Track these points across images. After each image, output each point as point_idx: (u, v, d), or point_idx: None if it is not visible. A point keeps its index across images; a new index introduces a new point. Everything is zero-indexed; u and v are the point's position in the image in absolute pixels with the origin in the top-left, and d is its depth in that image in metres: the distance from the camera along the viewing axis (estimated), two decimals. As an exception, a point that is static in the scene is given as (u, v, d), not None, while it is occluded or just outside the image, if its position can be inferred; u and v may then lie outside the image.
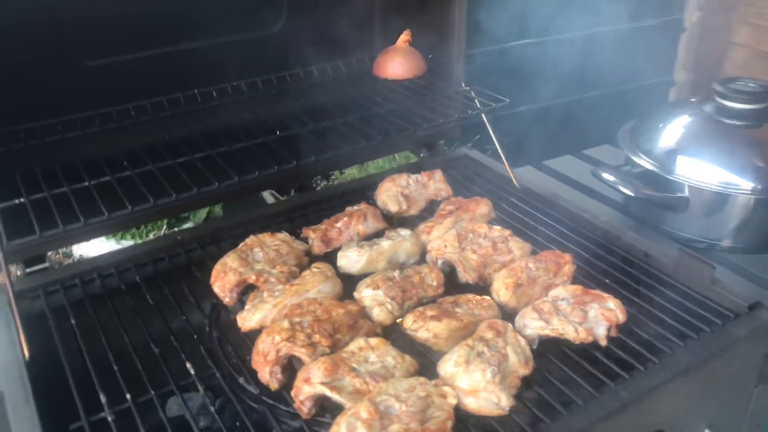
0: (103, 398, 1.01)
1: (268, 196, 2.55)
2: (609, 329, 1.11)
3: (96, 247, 1.88)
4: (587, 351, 1.10)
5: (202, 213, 2.55)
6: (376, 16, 1.82)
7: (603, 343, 1.10)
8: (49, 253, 1.73)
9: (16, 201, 1.14)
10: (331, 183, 2.60)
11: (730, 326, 1.13)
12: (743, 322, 1.14)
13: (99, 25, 1.43)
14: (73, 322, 1.17)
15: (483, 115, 1.56)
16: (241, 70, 1.65)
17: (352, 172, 2.62)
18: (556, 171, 1.95)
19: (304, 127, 1.44)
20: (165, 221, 2.46)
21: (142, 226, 2.43)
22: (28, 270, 1.30)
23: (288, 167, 1.31)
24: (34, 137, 1.34)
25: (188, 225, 2.25)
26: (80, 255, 1.91)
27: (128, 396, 1.02)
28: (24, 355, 1.07)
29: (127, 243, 2.03)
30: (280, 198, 2.51)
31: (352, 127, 1.48)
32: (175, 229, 2.28)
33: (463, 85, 1.61)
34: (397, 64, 1.62)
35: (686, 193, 1.55)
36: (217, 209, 2.52)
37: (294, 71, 1.70)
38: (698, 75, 2.89)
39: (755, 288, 1.44)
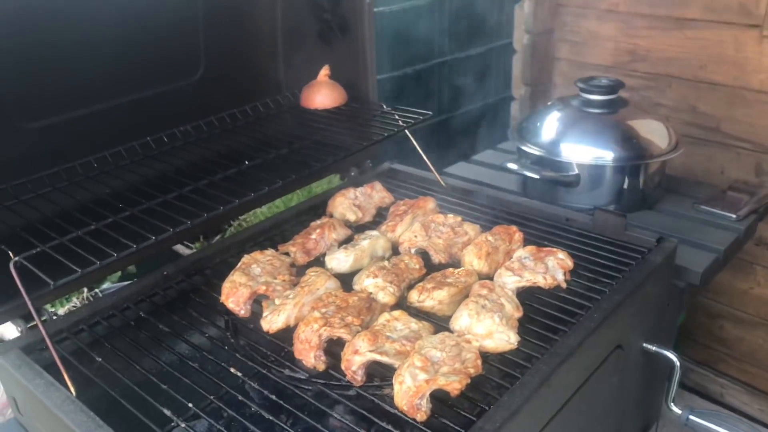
0: (168, 412, 1.08)
1: (180, 248, 2.58)
2: (564, 274, 1.39)
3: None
4: (554, 293, 1.36)
5: (115, 276, 2.53)
6: (282, 59, 2.01)
7: (563, 285, 1.37)
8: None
9: (34, 251, 1.17)
10: (239, 224, 2.69)
11: (649, 256, 1.46)
12: (657, 252, 1.47)
13: (34, 87, 1.48)
14: (99, 359, 1.21)
15: (407, 131, 1.80)
16: (169, 120, 1.74)
17: (262, 210, 2.74)
18: (457, 175, 2.24)
19: (228, 170, 1.51)
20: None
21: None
22: (28, 325, 1.30)
23: (217, 213, 1.34)
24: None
25: (106, 285, 2.24)
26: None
27: (191, 405, 1.10)
28: (71, 392, 1.11)
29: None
30: (191, 247, 2.55)
31: (286, 158, 1.63)
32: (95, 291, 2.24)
33: (384, 106, 1.84)
34: (323, 95, 1.82)
35: (575, 170, 1.90)
36: (130, 268, 2.51)
37: (218, 116, 1.82)
38: (533, 89, 3.40)
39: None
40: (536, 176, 1.85)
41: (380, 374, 1.16)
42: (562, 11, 3.24)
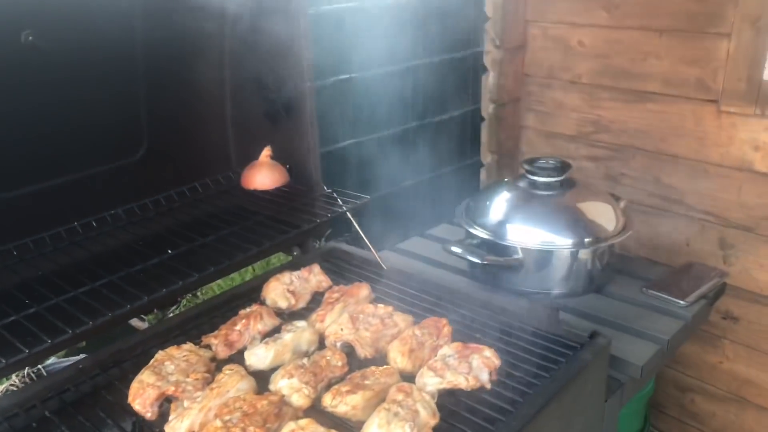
0: None
1: (136, 322, 2.53)
2: (490, 374, 1.34)
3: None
4: (477, 395, 1.31)
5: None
6: (229, 136, 2.01)
7: (488, 386, 1.32)
8: None
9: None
10: (195, 297, 2.65)
11: (579, 354, 1.41)
12: (588, 348, 1.43)
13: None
14: (-9, 469, 1.15)
15: (348, 213, 1.78)
16: (107, 200, 1.73)
17: (218, 284, 2.70)
18: (410, 251, 2.21)
19: (174, 249, 1.54)
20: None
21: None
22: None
23: (157, 296, 1.40)
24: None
25: (51, 360, 2.18)
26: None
27: None
28: None
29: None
30: (144, 321, 2.50)
31: (225, 240, 1.62)
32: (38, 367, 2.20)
33: (325, 188, 1.83)
34: (264, 176, 1.81)
35: (520, 254, 1.88)
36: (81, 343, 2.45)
37: (160, 195, 1.81)
38: (501, 156, 3.40)
39: (582, 322, 1.77)
40: (479, 261, 1.82)
41: (281, 490, 1.10)
42: (528, 81, 3.27)
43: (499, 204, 2.00)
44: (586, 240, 1.87)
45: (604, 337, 1.46)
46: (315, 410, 1.27)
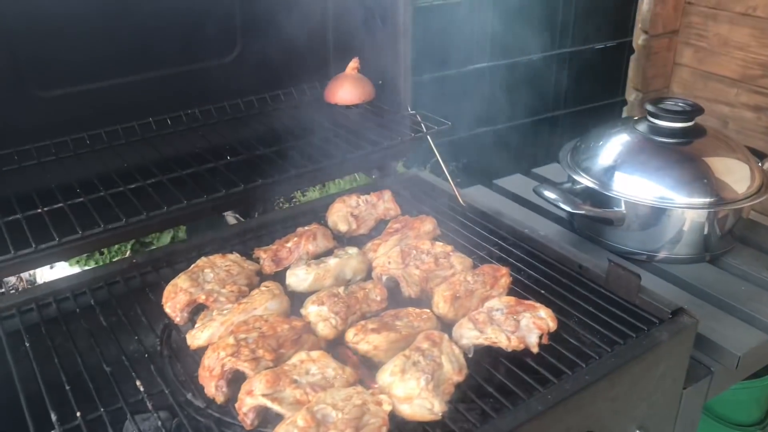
0: (54, 416, 1.05)
1: (231, 218, 2.60)
2: (541, 337, 1.18)
3: (61, 274, 1.92)
4: (520, 359, 1.17)
5: (166, 237, 2.60)
6: (329, 44, 1.90)
7: (534, 350, 1.17)
8: (12, 280, 1.75)
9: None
10: (292, 204, 2.67)
11: (654, 331, 1.20)
12: (666, 327, 1.21)
13: (54, 57, 1.49)
14: (27, 345, 1.20)
15: (429, 138, 1.63)
16: (195, 99, 1.71)
17: (313, 194, 2.69)
18: (506, 189, 2.02)
19: (254, 152, 1.50)
20: (129, 247, 2.50)
21: (106, 252, 2.47)
22: (-16, 296, 1.34)
23: (236, 190, 1.37)
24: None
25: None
26: (44, 282, 1.94)
27: (78, 414, 1.06)
28: (-21, 378, 1.11)
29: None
30: (242, 220, 2.56)
31: (302, 151, 1.55)
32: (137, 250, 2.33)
33: (409, 109, 1.69)
34: (346, 90, 1.69)
35: (623, 208, 1.64)
36: (181, 233, 2.56)
37: (247, 99, 1.76)
38: (647, 95, 3.02)
39: (683, 294, 1.52)
40: (569, 209, 1.61)
41: (279, 420, 1.04)
42: (690, 10, 2.84)
43: (610, 148, 1.74)
44: (706, 200, 1.59)
45: (691, 316, 1.24)
46: (339, 343, 1.19)
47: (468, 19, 3.18)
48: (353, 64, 1.72)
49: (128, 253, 2.44)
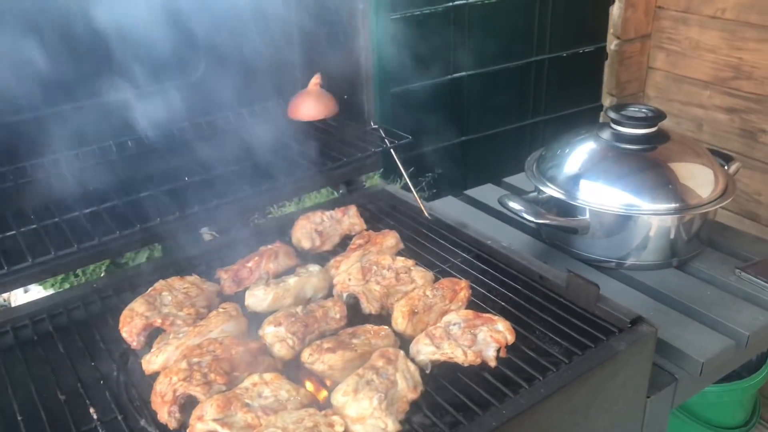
0: (5, 448, 1.04)
1: (207, 235, 2.59)
2: (499, 350, 1.17)
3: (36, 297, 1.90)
4: (478, 373, 1.16)
5: (142, 256, 2.59)
6: (295, 61, 1.91)
7: (492, 364, 1.16)
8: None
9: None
10: (267, 219, 2.66)
11: (612, 341, 1.20)
12: (624, 337, 1.21)
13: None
14: (-20, 374, 1.20)
15: (392, 151, 1.63)
16: (159, 119, 1.70)
17: (290, 208, 2.69)
18: (475, 199, 2.02)
19: (214, 171, 1.50)
20: (104, 268, 2.49)
21: (80, 273, 2.46)
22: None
23: (175, 216, 1.37)
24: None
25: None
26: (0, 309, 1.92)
27: (28, 445, 1.05)
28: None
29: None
30: (216, 235, 2.55)
31: (262, 169, 1.55)
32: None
33: (372, 123, 1.68)
34: (309, 106, 1.69)
35: (587, 216, 1.63)
36: (157, 252, 2.55)
37: (209, 118, 1.76)
38: (622, 100, 3.03)
39: (649, 301, 1.52)
40: (533, 219, 1.60)
41: (232, 444, 1.03)
42: (661, 14, 2.85)
43: (574, 156, 1.74)
44: (671, 205, 1.59)
45: (651, 325, 1.23)
46: (296, 364, 1.18)
47: (444, 29, 3.20)
48: (315, 79, 1.72)
49: (103, 273, 2.43)
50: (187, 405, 1.08)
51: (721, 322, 1.45)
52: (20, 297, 2.28)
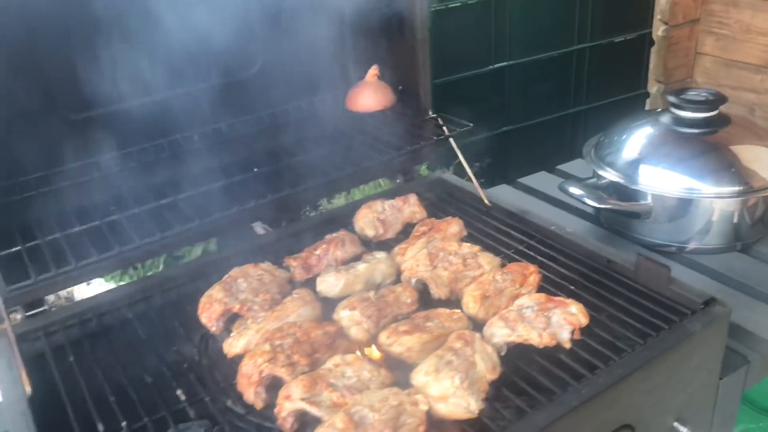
0: (101, 427, 1.08)
1: (259, 229, 2.64)
2: (572, 332, 1.18)
3: (97, 290, 1.96)
4: (553, 355, 1.17)
5: (198, 250, 2.64)
6: (348, 53, 1.93)
7: (567, 345, 1.17)
8: (51, 297, 1.80)
9: (13, 249, 1.22)
10: (319, 212, 2.69)
11: (687, 322, 1.20)
12: (699, 318, 1.21)
13: (82, 80, 1.53)
14: (71, 359, 1.24)
15: (451, 140, 1.65)
16: (220, 114, 1.74)
17: (340, 201, 2.71)
18: (530, 187, 2.03)
19: (280, 162, 1.53)
20: (161, 261, 2.55)
21: (140, 267, 2.52)
22: (27, 314, 1.37)
23: (263, 201, 1.40)
24: (28, 189, 1.43)
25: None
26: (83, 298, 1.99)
27: (123, 423, 1.09)
28: (26, 392, 1.15)
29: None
30: (270, 229, 2.59)
31: (327, 159, 1.57)
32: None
33: (430, 112, 1.70)
34: (368, 97, 1.72)
35: (649, 200, 1.63)
36: (212, 245, 2.60)
37: (269, 111, 1.79)
38: (669, 86, 3.00)
39: (714, 285, 1.52)
40: (595, 204, 1.61)
41: (318, 424, 1.06)
42: (710, -2, 2.81)
43: (634, 141, 1.74)
44: (734, 189, 1.58)
45: (724, 306, 1.23)
46: (372, 346, 1.21)
47: (485, 19, 3.19)
48: (373, 71, 1.74)
49: (161, 267, 2.49)
50: (270, 387, 1.12)
51: (792, 304, 1.44)
52: (83, 290, 2.35)
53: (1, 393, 1.18)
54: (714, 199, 1.60)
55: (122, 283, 2.09)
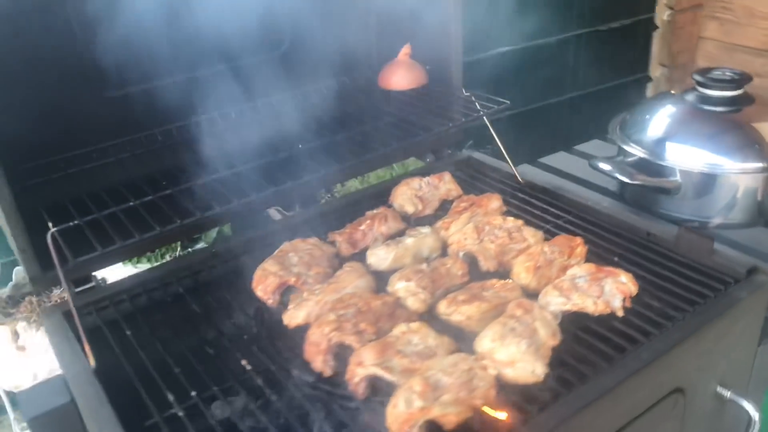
0: (170, 396, 1.10)
1: (274, 213, 2.64)
2: (623, 301, 1.22)
3: (113, 273, 1.95)
4: (606, 322, 1.21)
5: (213, 233, 2.64)
6: (372, 33, 1.94)
7: (620, 313, 1.21)
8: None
9: (71, 223, 1.22)
10: (333, 196, 2.70)
11: (732, 290, 1.25)
12: (743, 286, 1.26)
13: (118, 58, 1.52)
14: (128, 333, 1.25)
15: (485, 119, 1.67)
16: (246, 93, 1.74)
17: (354, 184, 2.73)
18: (551, 166, 2.07)
19: (311, 143, 1.53)
20: (179, 245, 2.55)
21: (157, 250, 2.52)
22: (77, 289, 1.38)
23: (296, 183, 1.40)
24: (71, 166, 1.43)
25: (201, 245, 2.33)
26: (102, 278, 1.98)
27: (193, 393, 1.11)
28: (90, 364, 1.16)
29: (144, 266, 2.11)
30: (286, 214, 2.60)
31: (361, 137, 1.59)
32: (189, 249, 2.37)
33: (463, 91, 1.73)
34: (400, 76, 1.73)
35: (677, 176, 1.68)
36: (226, 229, 2.61)
37: (300, 89, 1.80)
38: (673, 70, 3.05)
39: (750, 256, 1.56)
40: (627, 180, 1.65)
41: (386, 390, 1.09)
42: (713, -17, 2.86)
43: (660, 119, 1.78)
44: (760, 165, 1.63)
45: (766, 274, 1.28)
46: (429, 316, 1.23)
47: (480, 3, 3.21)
48: (405, 50, 1.76)
49: (178, 250, 2.48)
50: (335, 356, 1.14)
51: (821, 275, 1.49)
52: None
53: (63, 366, 1.18)
54: (740, 174, 1.65)
55: (139, 265, 2.10)
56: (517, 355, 1.08)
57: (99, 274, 1.65)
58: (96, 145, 1.48)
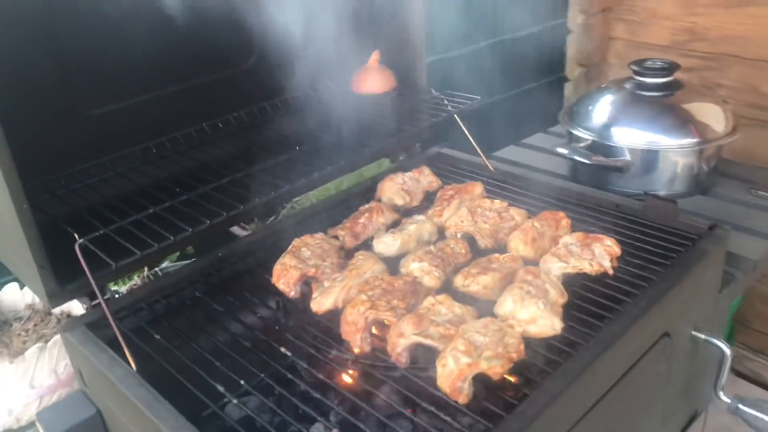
0: (221, 388, 1.14)
1: (238, 230, 2.65)
2: (611, 261, 1.38)
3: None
4: (600, 280, 1.36)
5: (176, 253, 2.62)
6: (343, 39, 2.03)
7: (611, 272, 1.37)
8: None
9: (97, 233, 1.24)
10: (292, 207, 2.75)
11: (700, 244, 1.44)
12: (707, 240, 1.45)
13: (97, 77, 1.54)
14: (157, 337, 1.28)
15: (455, 116, 1.80)
16: (219, 107, 1.78)
17: (314, 194, 2.78)
18: (507, 159, 2.23)
19: (285, 154, 1.59)
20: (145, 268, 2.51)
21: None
22: (93, 303, 1.38)
23: (268, 198, 1.41)
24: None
25: (165, 263, 2.32)
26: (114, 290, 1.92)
27: (242, 382, 1.16)
28: (132, 368, 1.18)
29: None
30: (248, 229, 2.62)
31: (336, 143, 1.67)
32: (156, 270, 2.35)
33: (433, 91, 1.85)
34: (373, 81, 1.84)
35: (627, 155, 1.88)
36: (189, 249, 2.60)
37: (272, 101, 1.87)
38: (588, 69, 3.33)
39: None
40: (586, 161, 1.83)
41: (424, 357, 1.19)
42: (619, -11, 3.16)
43: (604, 106, 1.99)
44: (695, 140, 1.85)
45: (724, 228, 1.48)
46: (443, 291, 1.34)
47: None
48: (375, 56, 1.87)
49: (145, 270, 2.46)
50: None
51: (756, 229, 1.73)
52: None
53: (105, 371, 1.20)
54: (677, 150, 1.87)
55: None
56: (537, 313, 1.21)
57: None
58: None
